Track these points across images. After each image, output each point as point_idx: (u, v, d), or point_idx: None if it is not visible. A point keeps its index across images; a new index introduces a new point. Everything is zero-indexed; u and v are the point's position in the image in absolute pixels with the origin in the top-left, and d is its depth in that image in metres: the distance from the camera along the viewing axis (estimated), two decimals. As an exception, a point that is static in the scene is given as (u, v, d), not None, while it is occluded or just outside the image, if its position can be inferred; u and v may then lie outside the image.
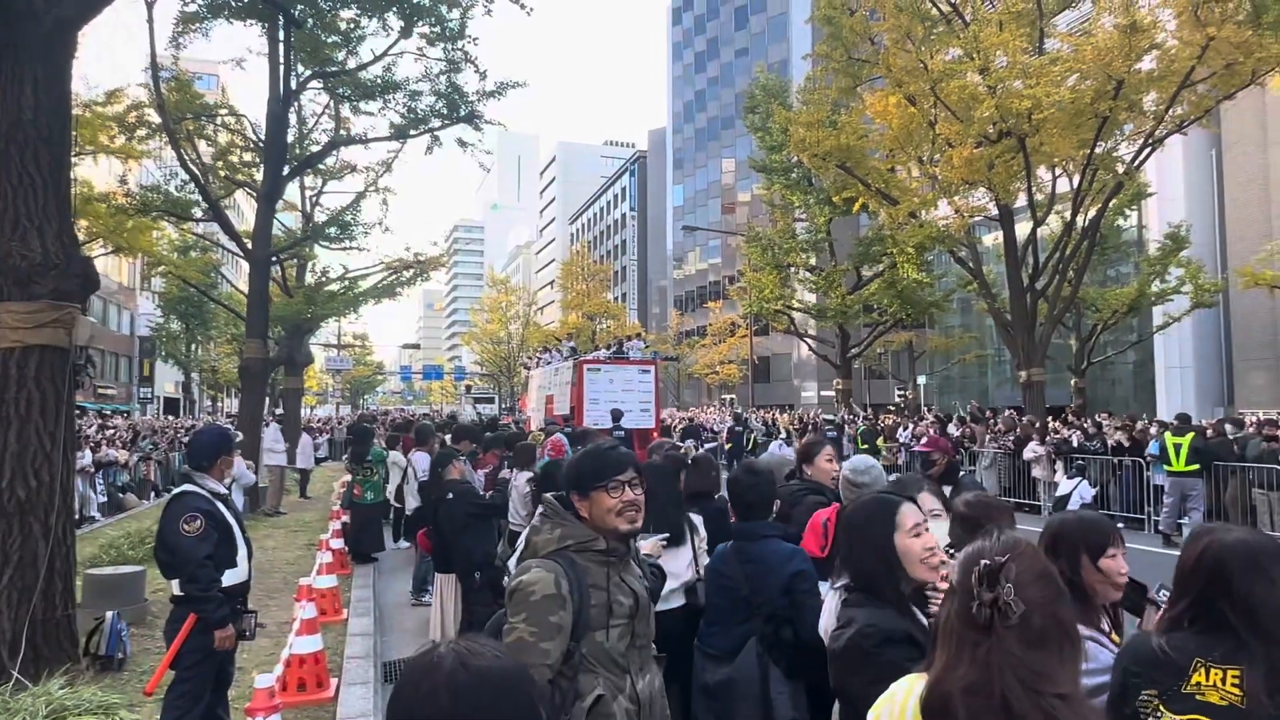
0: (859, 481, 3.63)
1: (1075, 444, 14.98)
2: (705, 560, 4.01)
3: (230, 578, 4.18)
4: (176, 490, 4.30)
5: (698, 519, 4.34)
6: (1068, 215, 19.89)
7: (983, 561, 1.45)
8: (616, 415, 15.53)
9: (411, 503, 9.69)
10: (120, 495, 16.67)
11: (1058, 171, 20.22)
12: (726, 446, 22.10)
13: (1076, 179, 19.06)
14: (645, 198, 78.17)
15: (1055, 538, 2.35)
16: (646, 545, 3.27)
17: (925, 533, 2.34)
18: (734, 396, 50.25)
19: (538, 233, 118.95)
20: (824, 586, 3.00)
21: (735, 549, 3.54)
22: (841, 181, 23.37)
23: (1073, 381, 26.62)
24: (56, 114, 5.63)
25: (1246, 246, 25.94)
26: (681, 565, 4.08)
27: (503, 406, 56.74)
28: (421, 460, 9.29)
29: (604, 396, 16.77)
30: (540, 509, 2.51)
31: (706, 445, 18.94)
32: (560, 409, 17.35)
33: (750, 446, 20.96)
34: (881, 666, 1.93)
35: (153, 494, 18.05)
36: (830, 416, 26.75)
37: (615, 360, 18.41)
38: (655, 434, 16.41)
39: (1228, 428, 14.12)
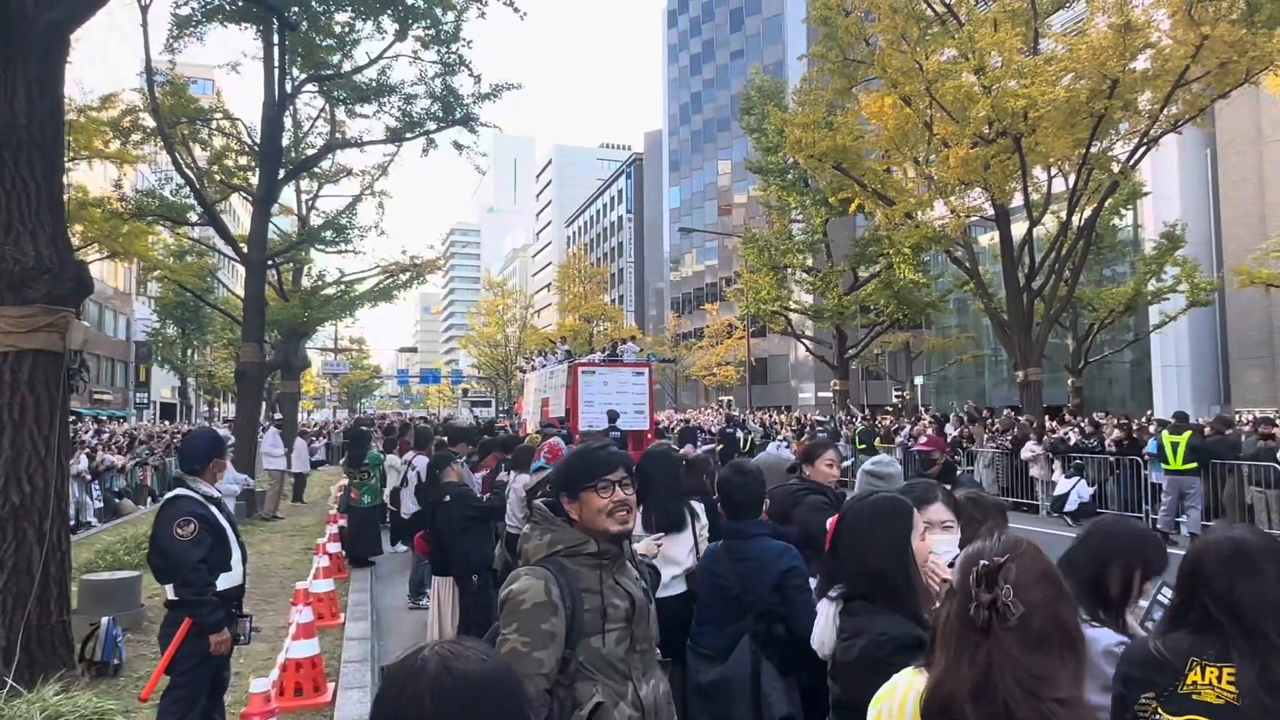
0: (883, 473, 3.59)
1: (1073, 443, 14.98)
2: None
3: (224, 581, 4.16)
4: (169, 494, 4.28)
5: (699, 506, 4.33)
6: (1063, 215, 19.92)
7: (981, 562, 1.42)
8: (612, 416, 15.54)
9: (409, 506, 9.64)
10: (116, 500, 16.65)
11: (1053, 171, 20.23)
12: (719, 449, 22.04)
13: (1072, 178, 19.08)
14: (642, 200, 78.17)
15: (1114, 541, 2.30)
16: (641, 546, 3.25)
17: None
18: (731, 398, 50.22)
19: (534, 236, 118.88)
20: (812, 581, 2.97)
21: (726, 548, 3.54)
22: (838, 182, 23.38)
23: (1070, 381, 26.67)
24: (49, 118, 5.62)
25: (1241, 245, 26.01)
26: (683, 552, 4.08)
27: (499, 409, 56.69)
28: (423, 463, 9.24)
29: (599, 399, 16.77)
30: (531, 516, 2.48)
31: (704, 447, 18.88)
32: (556, 412, 17.34)
33: (748, 448, 20.90)
34: None
35: (149, 499, 18.00)
36: (822, 419, 26.72)
37: (609, 363, 18.42)
38: (650, 436, 16.40)
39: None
